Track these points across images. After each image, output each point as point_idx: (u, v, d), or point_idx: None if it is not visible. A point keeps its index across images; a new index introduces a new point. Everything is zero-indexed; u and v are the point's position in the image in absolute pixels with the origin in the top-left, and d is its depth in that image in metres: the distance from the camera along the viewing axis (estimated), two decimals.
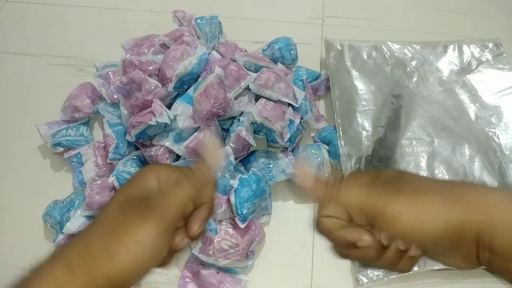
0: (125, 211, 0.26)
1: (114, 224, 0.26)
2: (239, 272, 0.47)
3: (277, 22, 0.73)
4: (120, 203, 0.27)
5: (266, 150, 0.56)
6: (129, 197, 0.27)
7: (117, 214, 0.26)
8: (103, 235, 0.26)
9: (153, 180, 0.28)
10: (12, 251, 0.51)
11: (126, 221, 0.26)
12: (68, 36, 0.72)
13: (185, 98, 0.52)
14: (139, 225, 0.25)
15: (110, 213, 0.27)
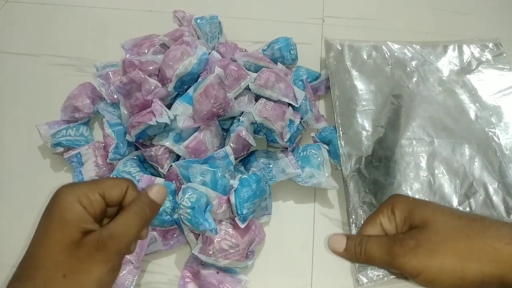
0: (77, 253, 0.26)
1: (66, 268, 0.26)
2: (239, 272, 0.47)
3: (277, 22, 0.73)
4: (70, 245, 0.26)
5: (266, 150, 0.56)
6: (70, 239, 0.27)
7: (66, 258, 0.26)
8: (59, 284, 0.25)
9: (78, 206, 0.28)
10: (11, 252, 0.51)
11: (78, 263, 0.26)
12: (68, 36, 0.72)
13: (185, 98, 0.52)
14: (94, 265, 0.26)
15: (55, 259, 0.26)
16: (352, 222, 0.50)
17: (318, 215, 0.53)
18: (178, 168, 0.48)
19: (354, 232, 0.49)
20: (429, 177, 0.52)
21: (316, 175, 0.51)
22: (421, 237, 0.28)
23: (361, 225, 0.35)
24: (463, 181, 0.52)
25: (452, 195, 0.51)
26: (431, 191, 0.52)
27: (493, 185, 0.51)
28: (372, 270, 0.47)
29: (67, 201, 0.27)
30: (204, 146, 0.50)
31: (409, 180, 0.52)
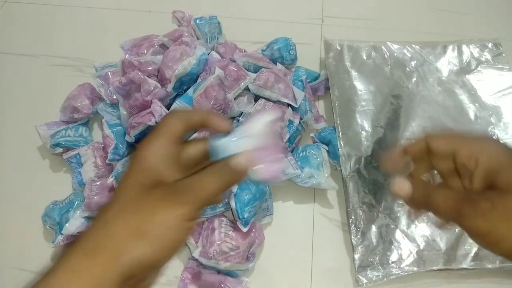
0: (148, 194, 0.25)
1: (138, 207, 0.25)
2: (240, 275, 0.47)
3: (276, 22, 0.73)
4: (139, 186, 0.26)
5: None
6: (148, 180, 0.26)
7: (139, 197, 0.25)
8: (127, 218, 0.24)
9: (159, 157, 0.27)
10: (11, 252, 0.51)
11: (152, 203, 0.25)
12: (67, 37, 0.72)
13: (184, 99, 0.52)
14: (167, 208, 0.25)
15: (129, 197, 0.26)
16: (351, 222, 0.50)
17: (318, 216, 0.53)
18: None
19: (354, 232, 0.49)
20: (428, 177, 0.52)
21: (316, 175, 0.51)
22: (500, 202, 0.27)
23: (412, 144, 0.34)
24: None
25: None
26: None
27: None
28: (372, 271, 0.47)
29: (146, 152, 0.27)
30: None
31: None
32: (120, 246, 0.23)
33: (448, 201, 0.28)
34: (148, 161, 0.27)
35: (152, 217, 0.24)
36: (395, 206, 0.50)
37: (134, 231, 0.24)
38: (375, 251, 0.48)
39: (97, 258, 0.23)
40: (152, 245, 0.24)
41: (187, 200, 0.25)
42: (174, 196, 0.25)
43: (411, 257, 0.48)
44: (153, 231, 0.24)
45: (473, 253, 0.47)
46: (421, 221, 0.50)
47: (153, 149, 0.28)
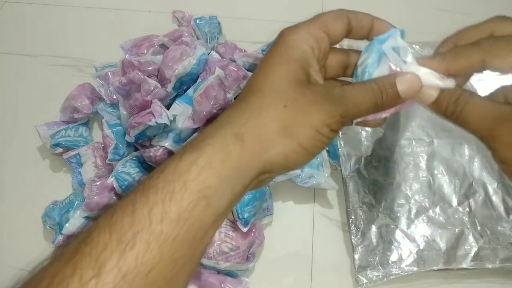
0: (303, 92, 0.24)
1: (293, 102, 0.24)
2: (240, 275, 0.47)
3: (276, 22, 0.73)
4: (295, 80, 0.24)
5: None
6: (296, 75, 0.24)
7: (294, 92, 0.24)
8: (280, 111, 0.23)
9: (304, 45, 0.25)
10: (11, 252, 0.51)
11: (303, 99, 0.24)
12: (67, 37, 0.72)
13: (184, 99, 0.52)
14: (318, 111, 0.23)
15: (285, 88, 0.24)
16: (351, 222, 0.50)
17: (318, 216, 0.53)
18: None
19: (354, 232, 0.49)
20: (428, 177, 0.52)
21: (316, 175, 0.51)
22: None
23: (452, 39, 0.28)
24: (462, 181, 0.52)
25: (452, 195, 0.51)
26: (431, 191, 0.52)
27: (492, 185, 0.51)
28: (372, 271, 0.47)
29: (293, 39, 0.25)
30: None
31: (409, 180, 0.52)
32: (269, 139, 0.23)
33: (484, 115, 0.25)
34: (299, 52, 0.25)
35: (303, 117, 0.23)
36: (395, 206, 0.51)
37: (285, 128, 0.23)
38: (375, 251, 0.48)
39: (248, 145, 0.23)
40: (296, 145, 0.23)
41: (338, 110, 0.24)
42: (327, 102, 0.24)
43: (411, 257, 0.48)
44: (301, 132, 0.23)
45: (473, 253, 0.47)
46: (421, 221, 0.50)
47: (305, 41, 0.25)
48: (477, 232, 0.49)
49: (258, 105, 0.24)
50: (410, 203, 0.51)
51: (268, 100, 0.24)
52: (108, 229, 0.21)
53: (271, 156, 0.23)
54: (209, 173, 0.22)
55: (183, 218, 0.21)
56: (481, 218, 0.50)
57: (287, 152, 0.23)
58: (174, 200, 0.21)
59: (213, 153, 0.22)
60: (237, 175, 0.23)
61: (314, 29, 0.26)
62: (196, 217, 0.21)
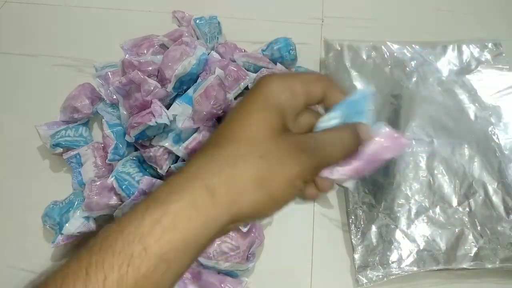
0: (278, 143, 0.24)
1: (269, 153, 0.23)
2: (240, 275, 0.47)
3: (276, 22, 0.73)
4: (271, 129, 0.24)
5: None
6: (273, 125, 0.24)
7: (271, 142, 0.24)
8: (255, 162, 0.23)
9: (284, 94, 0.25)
10: (11, 252, 0.51)
11: (278, 152, 0.23)
12: (67, 37, 0.72)
13: (184, 99, 0.52)
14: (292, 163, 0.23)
15: (261, 138, 0.24)
16: (351, 222, 0.50)
17: (318, 216, 0.53)
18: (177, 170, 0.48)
19: (354, 232, 0.49)
20: (428, 177, 0.52)
21: None
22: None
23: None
24: (462, 181, 0.52)
25: (452, 195, 0.51)
26: (431, 191, 0.52)
27: (492, 185, 0.51)
28: (372, 271, 0.47)
29: (270, 89, 0.25)
30: None
31: (409, 180, 0.52)
32: (241, 190, 0.22)
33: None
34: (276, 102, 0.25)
35: (278, 168, 0.23)
36: (395, 206, 0.51)
37: (260, 180, 0.23)
38: (375, 251, 0.48)
39: (219, 198, 0.22)
40: (268, 197, 0.23)
41: (312, 162, 0.24)
42: (302, 154, 0.24)
43: (411, 257, 0.48)
44: (275, 184, 0.23)
45: (473, 253, 0.47)
46: (421, 221, 0.50)
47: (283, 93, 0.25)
48: (477, 232, 0.49)
49: (233, 155, 0.23)
50: (410, 203, 0.51)
51: (244, 150, 0.23)
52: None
53: (241, 207, 0.23)
54: (173, 235, 0.21)
55: (140, 284, 0.20)
56: (481, 218, 0.50)
57: (257, 203, 0.23)
58: (132, 265, 0.20)
59: (179, 211, 0.21)
60: (204, 232, 0.22)
61: (295, 84, 0.26)
62: (154, 282, 0.20)
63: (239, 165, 0.23)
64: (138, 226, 0.20)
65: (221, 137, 0.24)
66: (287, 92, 0.25)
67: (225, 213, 0.22)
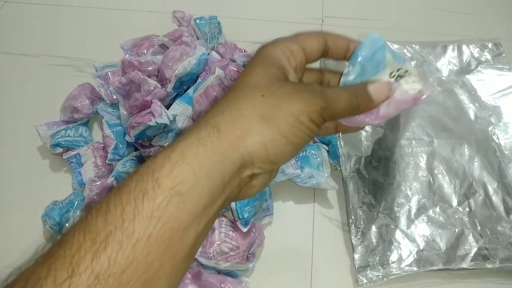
0: (282, 85, 0.24)
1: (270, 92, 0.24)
2: (240, 275, 0.47)
3: (276, 22, 0.73)
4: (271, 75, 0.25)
5: None
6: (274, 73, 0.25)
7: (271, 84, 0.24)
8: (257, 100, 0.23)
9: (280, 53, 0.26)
10: (11, 252, 0.51)
11: (284, 92, 0.24)
12: (67, 37, 0.72)
13: (184, 99, 0.52)
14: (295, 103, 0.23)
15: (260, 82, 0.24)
16: (351, 222, 0.50)
17: (318, 216, 0.53)
18: None
19: (354, 232, 0.49)
20: (428, 177, 0.52)
21: (316, 175, 0.51)
22: None
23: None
24: (462, 181, 0.52)
25: (452, 195, 0.51)
26: (431, 191, 0.52)
27: (492, 185, 0.51)
28: (372, 271, 0.47)
29: (270, 51, 0.26)
30: None
31: (409, 180, 0.52)
32: (246, 127, 0.22)
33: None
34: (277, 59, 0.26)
35: (282, 104, 0.23)
36: (395, 206, 0.51)
37: (263, 115, 0.23)
38: (375, 251, 0.48)
39: (224, 134, 0.22)
40: (277, 133, 0.23)
41: (319, 101, 0.24)
42: (307, 92, 0.24)
43: (411, 257, 0.48)
44: (280, 118, 0.23)
45: (473, 253, 0.47)
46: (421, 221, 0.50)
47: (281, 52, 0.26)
48: (477, 232, 0.49)
49: (235, 97, 0.24)
50: (410, 203, 0.51)
51: (246, 92, 0.24)
52: (82, 230, 0.20)
53: (249, 145, 0.22)
54: (182, 168, 0.21)
55: (156, 216, 0.20)
56: (481, 218, 0.50)
57: (265, 140, 0.23)
58: (147, 198, 0.20)
59: (186, 147, 0.22)
60: (214, 168, 0.22)
61: (290, 43, 0.27)
62: (170, 215, 0.20)
63: (242, 104, 0.23)
64: (151, 165, 0.21)
65: (227, 92, 0.25)
66: (284, 51, 0.26)
67: (233, 150, 0.22)
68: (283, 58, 0.26)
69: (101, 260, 0.19)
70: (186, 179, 0.21)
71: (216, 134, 0.22)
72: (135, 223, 0.20)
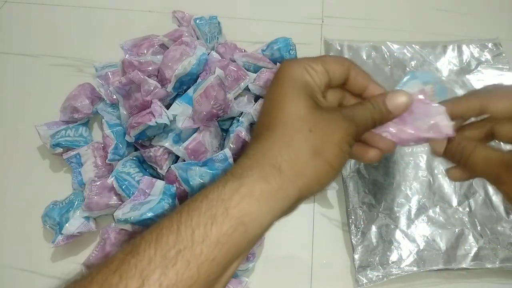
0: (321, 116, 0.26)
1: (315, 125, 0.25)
2: (240, 275, 0.47)
3: (276, 22, 0.73)
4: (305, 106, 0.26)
5: None
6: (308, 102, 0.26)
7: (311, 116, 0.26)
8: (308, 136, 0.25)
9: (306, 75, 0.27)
10: (11, 252, 0.51)
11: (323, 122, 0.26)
12: (67, 37, 0.72)
13: (184, 99, 0.52)
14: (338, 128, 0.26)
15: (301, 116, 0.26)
16: (351, 222, 0.50)
17: (318, 216, 0.53)
18: (177, 171, 0.48)
19: (354, 232, 0.49)
20: (428, 177, 0.52)
21: None
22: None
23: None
24: (462, 181, 0.52)
25: (452, 195, 0.51)
26: (431, 191, 0.52)
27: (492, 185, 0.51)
28: (372, 271, 0.47)
29: (293, 71, 0.27)
30: (204, 147, 0.50)
31: (409, 180, 0.52)
32: (302, 164, 0.25)
33: (488, 163, 0.28)
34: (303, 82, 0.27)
35: (328, 137, 0.25)
36: (395, 206, 0.51)
37: (315, 150, 0.25)
38: (375, 251, 0.48)
39: (285, 174, 0.24)
40: (327, 164, 0.25)
41: (352, 127, 0.26)
42: (343, 121, 0.26)
43: (411, 257, 0.48)
44: (328, 151, 0.25)
45: (473, 253, 0.48)
46: (421, 221, 0.50)
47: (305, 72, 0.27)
48: (477, 232, 0.49)
49: (286, 135, 0.25)
50: (410, 203, 0.51)
51: (294, 128, 0.25)
52: (153, 245, 0.22)
53: (306, 180, 0.25)
54: (250, 201, 0.23)
55: (221, 242, 0.22)
56: (481, 218, 0.50)
57: (319, 172, 0.25)
58: (215, 224, 0.23)
59: (254, 183, 0.24)
60: (276, 203, 0.24)
61: (315, 64, 0.28)
62: (233, 242, 0.23)
63: (295, 142, 0.25)
64: (220, 194, 0.24)
65: (268, 123, 0.27)
66: (309, 72, 0.27)
67: (293, 185, 0.24)
68: (308, 79, 0.27)
69: (169, 275, 0.21)
70: (252, 211, 0.23)
71: (279, 174, 0.24)
72: (203, 246, 0.22)
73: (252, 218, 0.23)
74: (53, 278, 0.49)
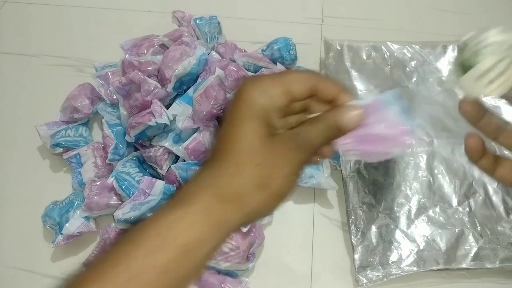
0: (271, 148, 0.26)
1: (264, 158, 0.26)
2: (239, 275, 0.47)
3: (276, 22, 0.73)
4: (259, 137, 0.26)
5: None
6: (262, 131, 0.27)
7: (262, 148, 0.26)
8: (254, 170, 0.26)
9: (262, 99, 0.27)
10: (11, 252, 0.51)
11: (272, 156, 0.26)
12: (67, 37, 0.72)
13: (184, 99, 0.52)
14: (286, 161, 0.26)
15: (253, 147, 0.26)
16: (351, 222, 0.50)
17: (318, 216, 0.53)
18: (177, 171, 0.48)
19: (354, 232, 0.49)
20: (428, 177, 0.52)
21: (316, 175, 0.51)
22: None
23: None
24: (462, 181, 0.52)
25: (452, 195, 0.51)
26: (431, 191, 0.52)
27: (492, 185, 0.51)
28: (372, 271, 0.47)
29: (251, 94, 0.27)
30: (204, 147, 0.50)
31: (409, 180, 0.52)
32: (248, 196, 0.26)
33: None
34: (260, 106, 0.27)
35: (275, 170, 0.26)
36: (395, 206, 0.51)
37: (260, 183, 0.26)
38: (375, 251, 0.48)
39: (230, 204, 0.25)
40: (271, 195, 0.26)
41: (303, 157, 0.27)
42: (293, 152, 0.27)
43: (411, 257, 0.48)
44: (275, 183, 0.26)
45: (473, 253, 0.48)
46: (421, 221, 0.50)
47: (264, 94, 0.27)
48: (477, 232, 0.49)
49: (233, 166, 0.26)
50: (410, 203, 0.51)
51: (243, 161, 0.26)
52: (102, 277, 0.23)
53: (249, 209, 0.26)
54: (194, 229, 0.24)
55: (169, 269, 0.23)
56: (481, 218, 0.50)
57: (262, 203, 0.26)
58: (162, 251, 0.23)
59: (198, 212, 0.25)
60: (220, 230, 0.25)
61: (275, 85, 0.28)
62: (181, 268, 0.24)
63: (242, 175, 0.26)
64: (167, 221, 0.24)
65: (219, 150, 0.27)
66: (266, 95, 0.27)
67: (237, 214, 0.26)
68: (267, 104, 0.27)
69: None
70: (196, 239, 0.24)
71: (222, 203, 0.25)
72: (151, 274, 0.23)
73: (197, 245, 0.24)
74: (53, 278, 0.49)
